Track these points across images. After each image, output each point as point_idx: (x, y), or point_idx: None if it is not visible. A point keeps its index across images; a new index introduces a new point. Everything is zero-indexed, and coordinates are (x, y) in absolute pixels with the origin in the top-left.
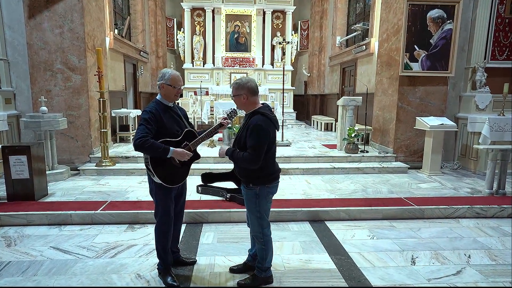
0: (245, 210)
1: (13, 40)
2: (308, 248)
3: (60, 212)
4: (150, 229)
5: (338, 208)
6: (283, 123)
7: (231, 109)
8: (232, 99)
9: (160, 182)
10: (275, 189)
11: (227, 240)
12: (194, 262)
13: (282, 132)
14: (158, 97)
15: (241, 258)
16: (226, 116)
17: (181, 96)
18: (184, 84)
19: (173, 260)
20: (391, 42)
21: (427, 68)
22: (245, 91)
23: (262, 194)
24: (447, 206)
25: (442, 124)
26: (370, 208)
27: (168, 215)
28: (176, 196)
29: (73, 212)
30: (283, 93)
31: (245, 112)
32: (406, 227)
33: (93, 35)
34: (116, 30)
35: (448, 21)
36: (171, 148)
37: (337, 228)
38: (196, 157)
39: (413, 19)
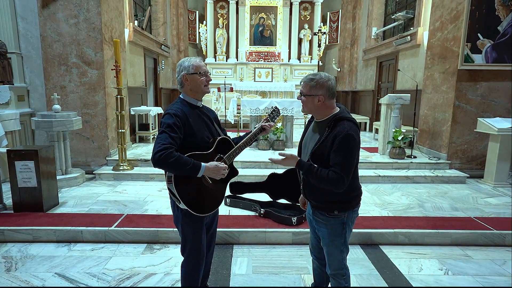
0: (283, 230)
1: (26, 32)
2: (368, 286)
3: (70, 228)
4: (172, 251)
5: (396, 230)
6: None
7: (272, 108)
8: (300, 98)
9: (188, 209)
10: (358, 211)
11: (264, 269)
12: None
13: None
14: (181, 95)
15: None
16: (268, 117)
17: None
18: None
19: None
20: (446, 31)
21: (493, 60)
22: (323, 92)
23: (349, 221)
24: None
25: None
26: (436, 231)
27: (199, 252)
28: (208, 222)
29: (84, 228)
30: None
31: (315, 117)
32: (485, 258)
33: (110, 26)
34: (136, 22)
35: None
36: (202, 164)
37: (397, 256)
38: (232, 173)
39: (478, 2)
